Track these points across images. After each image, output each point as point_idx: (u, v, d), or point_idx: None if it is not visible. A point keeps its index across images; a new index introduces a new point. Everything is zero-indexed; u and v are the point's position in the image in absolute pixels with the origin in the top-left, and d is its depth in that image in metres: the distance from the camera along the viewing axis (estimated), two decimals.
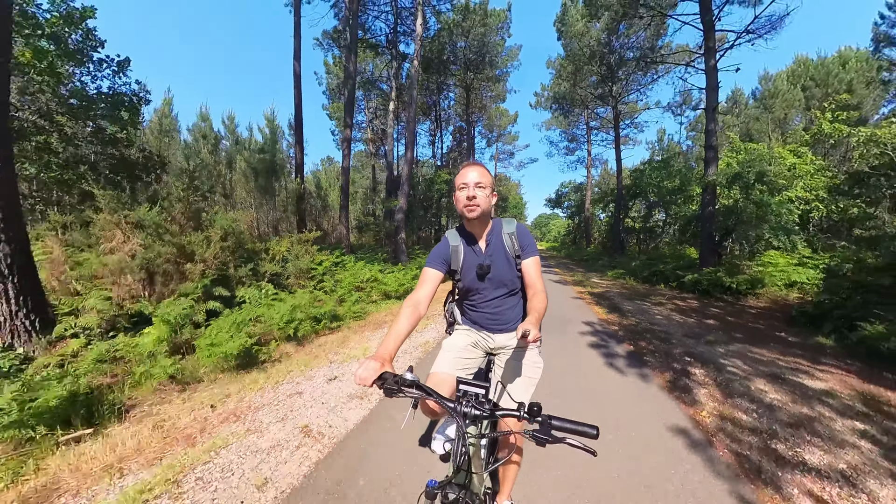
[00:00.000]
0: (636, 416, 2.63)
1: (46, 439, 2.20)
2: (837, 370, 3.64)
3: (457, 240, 1.54)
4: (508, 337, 1.56)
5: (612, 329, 5.13)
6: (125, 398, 2.80)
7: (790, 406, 2.83)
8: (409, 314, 1.31)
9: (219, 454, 2.14)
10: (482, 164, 1.45)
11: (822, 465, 2.06)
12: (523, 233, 1.53)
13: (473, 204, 1.39)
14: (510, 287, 1.54)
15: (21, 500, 1.77)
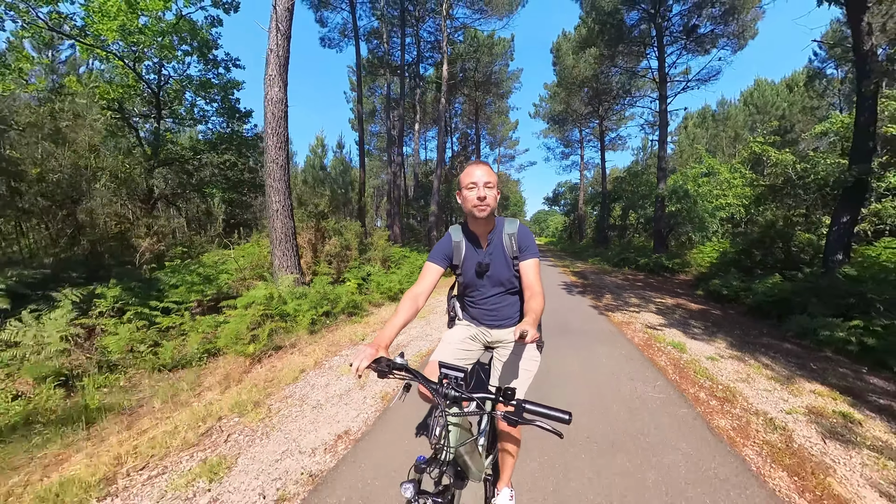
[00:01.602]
0: (575, 305, 6.50)
1: (338, 317, 6.00)
2: (686, 301, 7.48)
3: (459, 236, 1.58)
4: (506, 332, 1.62)
5: (575, 283, 9.02)
6: (358, 308, 6.63)
7: (640, 303, 6.70)
8: (408, 307, 1.39)
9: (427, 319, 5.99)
10: (487, 163, 1.46)
11: (631, 310, 5.92)
12: (524, 234, 1.55)
13: (484, 204, 1.42)
14: (507, 286, 1.58)
15: (329, 344, 5.63)
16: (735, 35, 14.39)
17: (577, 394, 2.87)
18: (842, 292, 5.43)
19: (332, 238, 7.69)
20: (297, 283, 6.27)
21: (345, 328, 5.37)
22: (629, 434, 2.30)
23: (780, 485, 1.84)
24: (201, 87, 10.65)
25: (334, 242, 7.46)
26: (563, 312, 5.91)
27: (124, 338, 3.91)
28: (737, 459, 2.04)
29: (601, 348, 3.95)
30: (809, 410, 2.62)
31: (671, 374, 3.21)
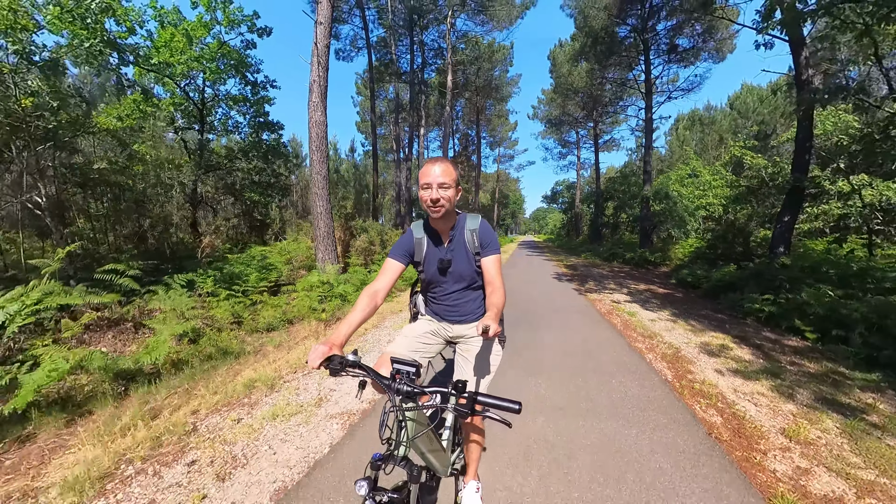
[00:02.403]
0: (562, 289, 7.97)
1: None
2: (657, 287, 8.96)
3: (421, 233, 1.58)
4: (467, 327, 1.62)
5: (565, 273, 10.51)
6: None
7: (615, 288, 8.17)
8: (366, 304, 1.38)
9: None
10: (445, 160, 1.43)
11: (607, 292, 7.40)
12: (485, 231, 1.54)
13: (437, 207, 1.40)
14: (469, 282, 1.58)
15: (375, 316, 7.10)
16: (714, 49, 15.81)
17: (555, 337, 4.35)
18: (772, 277, 6.91)
19: (360, 235, 9.14)
20: (339, 271, 7.74)
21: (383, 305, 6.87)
22: (582, 350, 3.81)
23: (664, 371, 3.32)
24: (236, 102, 12.06)
25: (364, 239, 8.92)
26: (551, 294, 7.40)
27: (227, 309, 5.39)
28: (643, 361, 3.53)
29: (574, 314, 5.44)
30: (701, 343, 4.11)
31: (619, 327, 4.70)
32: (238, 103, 12.14)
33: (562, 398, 2.78)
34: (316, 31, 8.18)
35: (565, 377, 3.16)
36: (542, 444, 2.21)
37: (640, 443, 2.18)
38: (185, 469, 2.10)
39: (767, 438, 2.25)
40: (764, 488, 1.81)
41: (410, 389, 1.01)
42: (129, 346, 4.66)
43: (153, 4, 9.30)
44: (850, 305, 4.61)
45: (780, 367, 3.50)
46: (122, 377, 3.57)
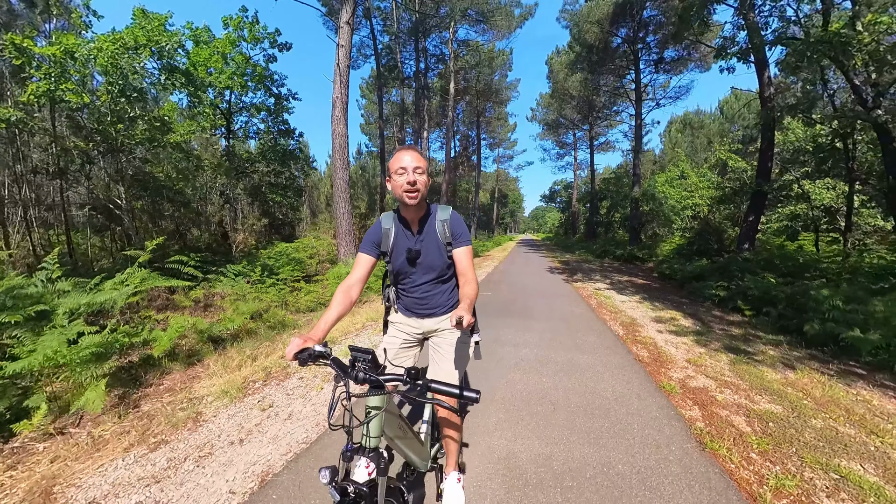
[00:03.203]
0: (552, 279, 9.14)
1: None
2: (638, 279, 10.14)
3: (390, 222, 1.55)
4: (437, 321, 1.61)
5: (558, 268, 11.69)
6: None
7: (599, 279, 9.35)
8: (341, 300, 1.40)
9: None
10: (416, 148, 1.45)
11: (592, 282, 8.58)
12: (456, 221, 1.52)
13: (414, 189, 1.39)
14: (439, 273, 1.55)
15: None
16: (700, 59, 16.97)
17: (543, 312, 5.54)
18: (734, 269, 8.09)
19: None
20: None
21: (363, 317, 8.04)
22: (560, 318, 5.01)
23: (618, 331, 4.50)
24: (259, 111, 13.19)
25: None
26: (542, 283, 8.59)
27: (275, 294, 6.55)
28: (604, 325, 4.73)
29: (560, 298, 6.64)
30: (655, 317, 5.30)
31: (594, 306, 5.89)
32: (260, 112, 13.28)
33: (542, 342, 3.98)
34: (338, 53, 9.32)
35: (546, 332, 4.36)
36: (529, 362, 3.43)
37: (589, 361, 3.38)
38: (297, 381, 3.28)
39: (674, 363, 3.44)
40: (659, 382, 2.99)
41: (366, 377, 1.02)
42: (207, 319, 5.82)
43: (189, 26, 10.43)
44: (778, 288, 5.79)
45: (710, 330, 4.69)
46: (213, 340, 4.74)
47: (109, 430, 2.77)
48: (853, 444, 2.28)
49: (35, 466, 2.36)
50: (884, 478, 1.97)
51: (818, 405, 2.75)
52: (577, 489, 1.75)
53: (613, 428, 2.28)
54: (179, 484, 1.97)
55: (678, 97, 17.90)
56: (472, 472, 1.91)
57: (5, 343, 3.30)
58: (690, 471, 1.90)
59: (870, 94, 6.72)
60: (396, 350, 1.65)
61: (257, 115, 13.39)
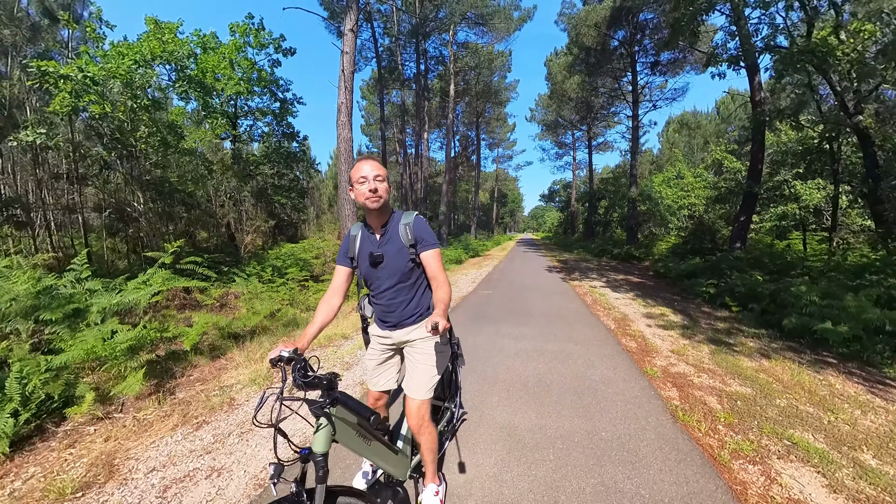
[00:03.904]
0: (550, 278, 9.48)
1: None
2: (633, 277, 10.48)
3: (357, 230, 1.62)
4: (408, 331, 1.60)
5: (556, 266, 12.03)
6: None
7: (596, 277, 9.70)
8: (323, 311, 1.54)
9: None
10: (375, 158, 1.51)
11: (588, 280, 8.92)
12: (419, 225, 1.56)
13: (376, 196, 1.46)
14: (403, 278, 1.56)
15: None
16: (696, 62, 17.29)
17: (540, 308, 5.88)
18: (724, 267, 8.42)
19: None
20: None
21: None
22: (556, 314, 5.34)
23: (610, 325, 4.84)
24: (264, 115, 13.52)
25: None
26: (541, 281, 8.94)
27: (286, 293, 6.88)
28: (597, 320, 5.07)
29: (557, 294, 6.99)
30: (646, 312, 5.64)
31: (588, 302, 6.23)
32: (265, 116, 13.61)
33: (539, 335, 4.32)
34: (342, 60, 9.64)
35: (543, 326, 4.70)
36: (526, 351, 3.78)
37: (581, 351, 3.73)
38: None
39: (659, 353, 3.78)
40: (644, 368, 3.33)
41: (295, 380, 1.04)
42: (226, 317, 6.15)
43: (197, 33, 10.74)
44: (763, 286, 6.13)
45: (696, 324, 5.03)
46: (232, 336, 5.07)
47: (152, 414, 3.10)
48: (810, 419, 2.61)
49: (91, 445, 2.69)
50: (830, 445, 2.30)
51: (785, 388, 3.09)
52: (566, 450, 2.09)
53: (600, 404, 2.62)
54: (229, 453, 2.30)
55: (674, 98, 18.26)
56: (477, 439, 2.25)
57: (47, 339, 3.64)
58: (663, 437, 2.24)
59: (851, 101, 7.05)
60: (374, 367, 1.69)
61: (262, 119, 13.73)
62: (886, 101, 8.78)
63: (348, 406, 1.17)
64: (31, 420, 2.79)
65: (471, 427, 2.36)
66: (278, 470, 0.99)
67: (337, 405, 1.16)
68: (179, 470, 2.21)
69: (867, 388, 3.21)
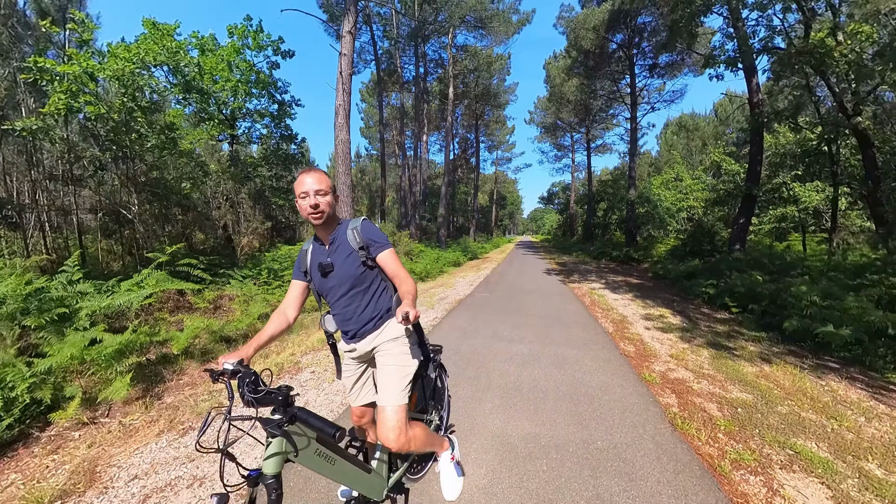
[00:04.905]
0: (549, 280, 9.41)
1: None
2: (632, 278, 10.42)
3: (308, 245, 1.61)
4: (371, 339, 1.56)
5: (555, 269, 11.96)
6: None
7: (595, 279, 9.63)
8: (275, 321, 1.49)
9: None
10: (318, 170, 1.47)
11: (587, 282, 8.85)
12: (367, 228, 1.55)
13: (318, 212, 1.43)
14: (355, 282, 1.52)
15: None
16: (693, 64, 17.30)
17: (538, 308, 5.81)
18: (724, 267, 8.36)
19: None
20: None
21: None
22: (554, 315, 5.27)
23: (608, 328, 4.77)
24: (262, 117, 13.49)
25: None
26: (540, 283, 8.87)
27: (280, 296, 6.80)
28: (595, 322, 4.99)
29: (556, 297, 6.92)
30: (645, 314, 5.56)
31: (587, 303, 6.16)
32: (263, 118, 13.57)
33: (537, 338, 4.25)
34: (340, 62, 9.62)
35: (540, 330, 4.63)
36: (523, 356, 3.71)
37: (578, 355, 3.65)
38: (309, 375, 3.54)
39: (658, 357, 3.71)
40: (642, 374, 3.26)
41: (245, 397, 0.98)
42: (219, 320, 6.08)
43: (195, 35, 10.71)
44: (763, 286, 6.06)
45: (696, 327, 4.95)
46: (224, 339, 4.99)
47: (139, 419, 3.03)
48: (813, 426, 2.54)
49: (75, 451, 2.61)
50: (834, 454, 2.23)
51: (787, 394, 3.02)
52: (560, 460, 2.01)
53: (596, 412, 2.54)
54: (213, 461, 2.23)
55: (673, 101, 18.27)
56: (469, 448, 2.17)
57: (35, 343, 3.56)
58: (661, 447, 2.17)
59: (850, 103, 7.02)
60: (351, 384, 1.64)
61: (260, 121, 13.69)
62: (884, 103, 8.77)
63: (308, 423, 1.05)
64: (15, 425, 2.72)
65: (462, 435, 2.29)
66: (223, 501, 0.90)
67: (295, 422, 1.05)
68: (161, 479, 2.14)
69: (870, 393, 3.14)
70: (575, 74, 19.91)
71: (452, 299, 6.93)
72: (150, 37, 7.91)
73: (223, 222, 10.27)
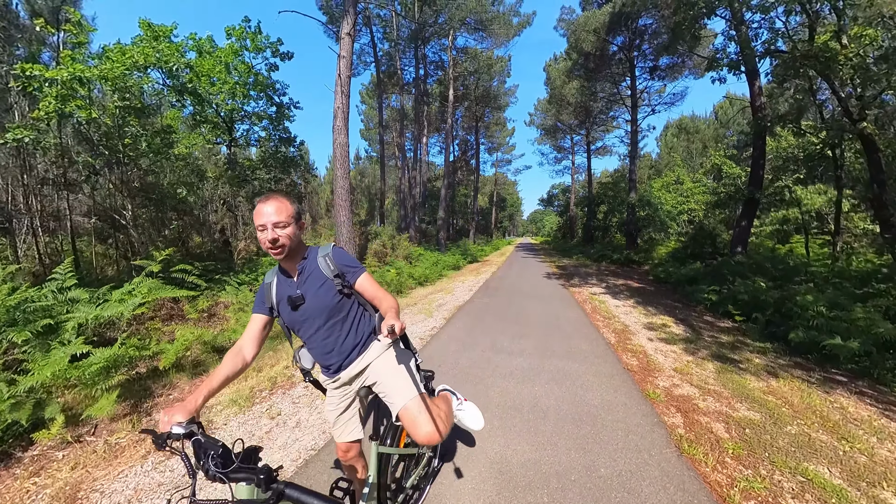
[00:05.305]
0: (549, 284, 9.31)
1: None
2: (633, 282, 10.32)
3: (272, 276, 1.47)
4: (360, 362, 1.47)
5: (555, 273, 11.87)
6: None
7: (595, 283, 9.53)
8: (229, 363, 1.28)
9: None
10: (278, 196, 1.33)
11: (588, 287, 8.75)
12: (339, 254, 1.46)
13: (277, 247, 1.30)
14: (331, 313, 1.42)
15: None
16: (695, 66, 17.22)
17: (538, 319, 5.71)
18: (726, 272, 8.26)
19: (375, 239, 10.48)
20: None
21: (399, 299, 8.17)
22: (555, 324, 5.16)
23: (610, 338, 4.67)
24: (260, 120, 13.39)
25: (377, 243, 10.25)
26: (540, 289, 8.77)
27: None
28: (597, 331, 4.89)
29: (556, 301, 6.81)
30: (647, 322, 5.46)
31: (588, 310, 6.06)
32: (262, 120, 13.48)
33: (536, 350, 4.14)
34: (339, 64, 9.54)
35: (540, 340, 4.52)
36: (522, 370, 3.60)
37: (579, 370, 3.55)
38: (303, 390, 3.43)
39: (662, 371, 3.60)
40: (646, 391, 3.16)
41: (216, 473, 0.85)
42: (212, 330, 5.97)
43: (192, 36, 10.62)
44: (766, 293, 5.96)
45: (700, 337, 4.85)
46: (217, 350, 4.89)
47: (125, 438, 2.92)
48: (824, 449, 2.44)
49: (57, 473, 2.51)
50: (848, 481, 2.13)
51: (795, 412, 2.92)
52: (562, 490, 1.91)
53: (599, 434, 2.44)
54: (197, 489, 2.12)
55: (673, 103, 18.18)
56: (466, 476, 2.07)
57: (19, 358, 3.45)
58: (667, 474, 2.06)
59: (855, 107, 6.93)
60: (336, 418, 1.54)
61: (259, 124, 13.60)
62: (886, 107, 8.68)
63: (300, 502, 0.84)
64: None
65: (459, 461, 2.19)
66: None
67: (282, 501, 0.84)
68: None
69: (881, 410, 3.04)
70: (575, 76, 19.85)
71: (451, 306, 6.83)
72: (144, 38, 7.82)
73: (220, 226, 10.18)
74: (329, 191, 19.30)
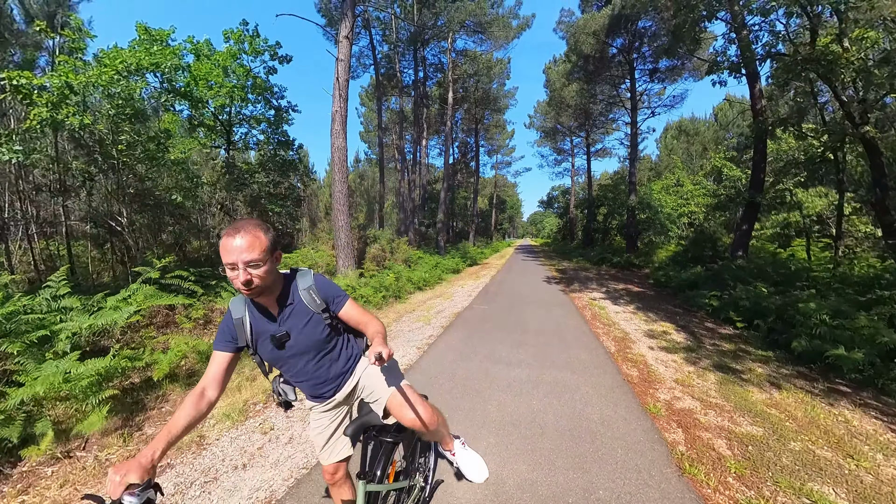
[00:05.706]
0: (549, 289, 9.25)
1: (387, 298, 8.77)
2: (633, 286, 10.25)
3: (241, 311, 1.31)
4: (352, 383, 1.47)
5: (555, 277, 11.80)
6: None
7: (596, 288, 9.47)
8: (189, 408, 1.11)
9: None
10: (249, 228, 1.15)
11: (588, 291, 8.69)
12: (322, 283, 1.38)
13: (251, 289, 1.15)
14: (320, 347, 1.37)
15: (395, 312, 8.39)
16: (694, 69, 17.19)
17: (538, 323, 5.65)
18: (727, 277, 8.19)
19: (374, 243, 10.43)
20: (359, 276, 9.00)
21: (397, 305, 8.11)
22: (554, 331, 5.10)
23: (610, 347, 4.61)
24: (259, 123, 13.36)
25: (376, 247, 10.20)
26: (540, 292, 8.72)
27: None
28: (597, 340, 4.83)
29: (556, 307, 6.76)
30: (648, 330, 5.40)
31: (588, 317, 6.00)
32: (260, 123, 13.45)
33: (535, 359, 4.09)
34: (337, 67, 9.50)
35: (539, 347, 4.48)
36: (520, 382, 3.54)
37: (579, 382, 3.49)
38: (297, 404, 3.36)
39: (663, 383, 3.54)
40: (646, 404, 3.10)
41: None
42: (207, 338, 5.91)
43: (190, 40, 10.59)
44: (768, 300, 5.90)
45: (701, 346, 4.79)
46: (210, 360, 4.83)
47: (116, 453, 2.87)
48: (828, 467, 2.38)
49: (45, 492, 2.46)
50: (853, 503, 2.07)
51: (799, 427, 2.85)
52: None
53: (598, 452, 2.38)
54: None
55: (673, 105, 18.16)
56: (461, 499, 2.01)
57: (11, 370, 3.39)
58: (668, 496, 2.01)
59: (857, 110, 6.87)
60: (324, 441, 1.50)
61: (257, 127, 13.57)
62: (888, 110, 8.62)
63: None
64: None
65: (453, 483, 2.13)
66: None
67: None
68: None
69: (886, 424, 2.97)
70: (575, 79, 19.83)
71: (450, 312, 6.77)
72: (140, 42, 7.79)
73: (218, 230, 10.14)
74: (328, 193, 19.25)
